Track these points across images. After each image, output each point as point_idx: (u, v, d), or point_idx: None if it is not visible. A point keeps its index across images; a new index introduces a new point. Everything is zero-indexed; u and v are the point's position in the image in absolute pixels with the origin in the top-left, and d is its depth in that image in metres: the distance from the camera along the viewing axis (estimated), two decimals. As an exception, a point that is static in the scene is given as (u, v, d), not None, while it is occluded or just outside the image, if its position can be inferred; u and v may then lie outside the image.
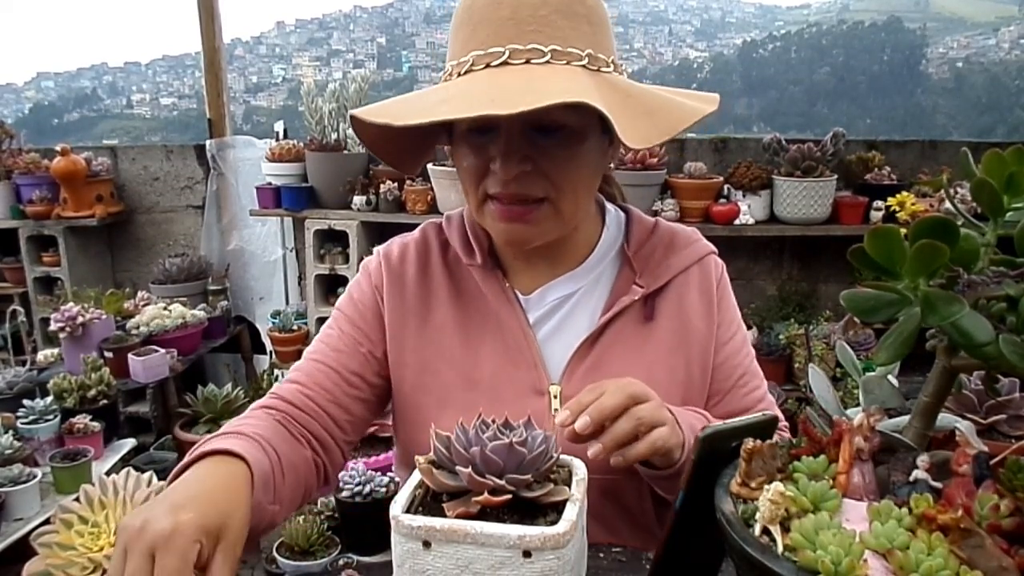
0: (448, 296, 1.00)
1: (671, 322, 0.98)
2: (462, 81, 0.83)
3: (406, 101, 0.86)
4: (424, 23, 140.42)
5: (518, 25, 0.81)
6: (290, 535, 2.45)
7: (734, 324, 1.03)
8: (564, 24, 0.82)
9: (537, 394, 0.95)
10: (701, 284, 1.00)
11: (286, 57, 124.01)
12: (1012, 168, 0.56)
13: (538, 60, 0.81)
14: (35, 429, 2.15)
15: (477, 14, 0.84)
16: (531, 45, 0.81)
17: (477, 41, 0.83)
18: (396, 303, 1.00)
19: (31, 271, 3.55)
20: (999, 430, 0.76)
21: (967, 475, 0.55)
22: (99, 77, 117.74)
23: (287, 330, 3.23)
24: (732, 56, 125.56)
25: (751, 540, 0.53)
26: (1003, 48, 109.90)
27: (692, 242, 1.03)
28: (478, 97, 0.77)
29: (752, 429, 0.64)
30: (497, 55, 0.81)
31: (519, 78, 0.79)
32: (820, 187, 2.89)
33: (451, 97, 0.80)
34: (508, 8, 0.82)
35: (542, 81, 0.78)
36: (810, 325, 2.98)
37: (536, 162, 0.86)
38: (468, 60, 0.83)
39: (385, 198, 3.09)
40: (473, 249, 0.99)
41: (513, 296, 0.98)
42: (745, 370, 1.02)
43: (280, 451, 0.84)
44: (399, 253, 1.03)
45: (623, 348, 0.96)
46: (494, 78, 0.81)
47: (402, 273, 1.01)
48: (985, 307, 0.55)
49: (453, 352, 0.97)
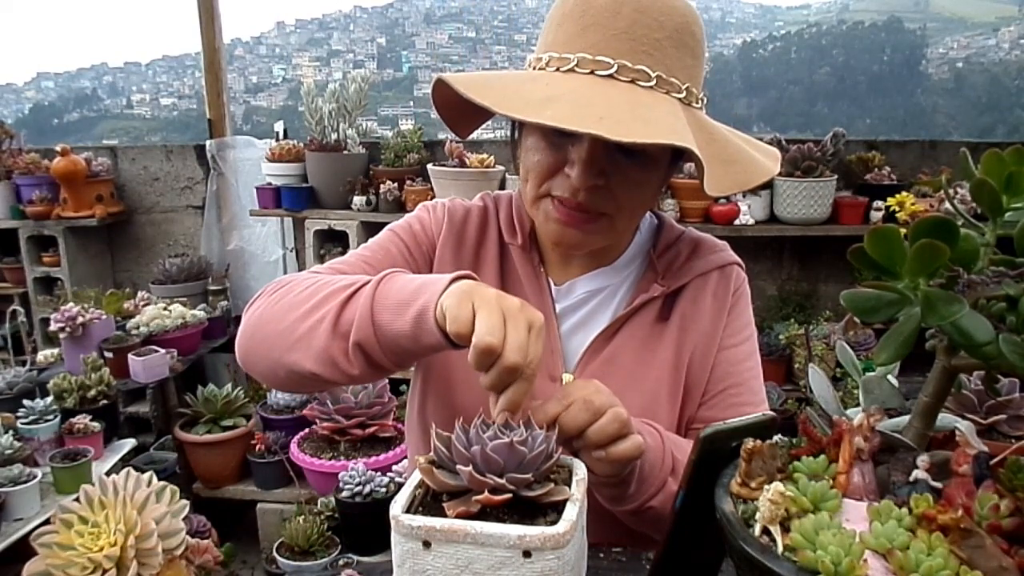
0: (495, 267, 1.02)
1: (682, 321, 1.00)
2: (566, 81, 0.82)
3: (505, 84, 0.85)
4: (424, 23, 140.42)
5: (632, 42, 0.81)
6: (290, 535, 2.46)
7: (741, 335, 1.03)
8: (673, 53, 0.83)
9: (550, 380, 0.97)
10: (717, 290, 1.02)
11: (286, 57, 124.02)
12: (1011, 168, 0.56)
13: (644, 83, 0.81)
14: (35, 429, 2.15)
15: (591, 16, 0.83)
16: (640, 67, 0.81)
17: (585, 43, 0.82)
18: (449, 256, 1.02)
19: (31, 271, 3.55)
20: (999, 430, 0.76)
21: (967, 475, 0.55)
22: (99, 77, 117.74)
23: (287, 330, 3.23)
24: (732, 56, 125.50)
25: (751, 540, 0.53)
26: (1003, 48, 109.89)
27: (718, 250, 1.05)
28: (587, 110, 0.76)
29: (752, 429, 0.64)
30: (605, 65, 0.81)
31: (625, 99, 0.79)
32: (820, 187, 2.89)
33: (558, 98, 0.79)
34: (625, 22, 0.82)
35: (647, 109, 0.79)
36: (810, 325, 2.98)
37: (609, 178, 0.88)
38: (573, 60, 0.82)
39: (385, 198, 3.09)
40: (516, 230, 1.02)
41: (546, 284, 1.01)
42: (740, 382, 1.01)
43: None
44: (463, 213, 1.05)
45: (637, 345, 0.98)
46: (601, 91, 0.80)
47: (463, 233, 1.03)
48: (985, 307, 0.55)
49: None
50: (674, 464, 0.88)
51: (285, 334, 0.83)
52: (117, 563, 0.74)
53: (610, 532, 0.98)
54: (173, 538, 0.78)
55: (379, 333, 0.78)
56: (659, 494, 0.86)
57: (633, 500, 0.86)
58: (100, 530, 0.75)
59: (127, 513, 0.76)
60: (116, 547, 0.74)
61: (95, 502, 0.77)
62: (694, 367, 0.99)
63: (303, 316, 0.82)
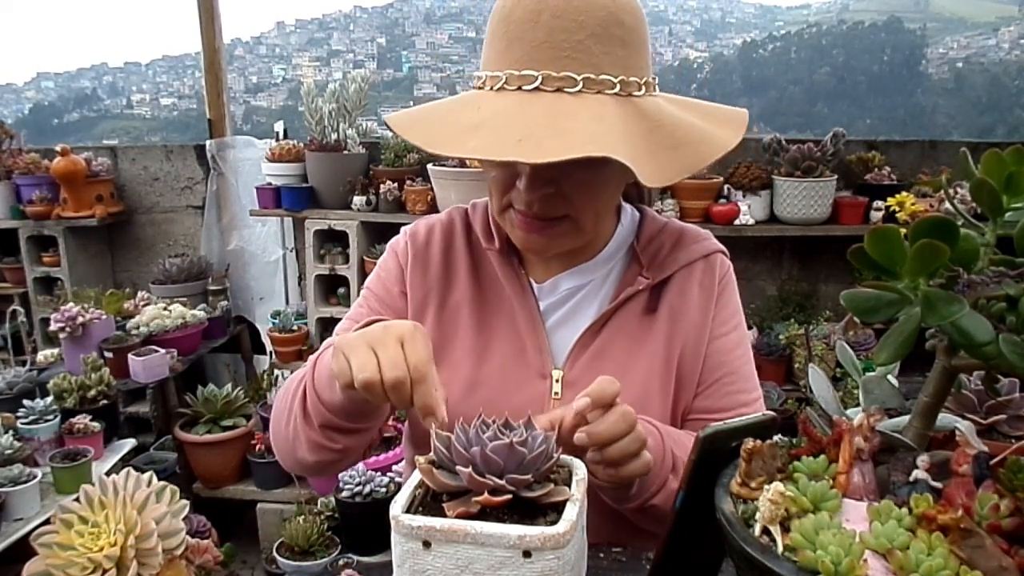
0: (467, 277, 1.04)
1: (670, 313, 1.00)
2: (494, 101, 0.84)
3: (438, 117, 0.87)
4: (424, 23, 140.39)
5: (553, 50, 0.82)
6: (290, 535, 2.46)
7: (730, 323, 1.03)
8: (598, 50, 0.83)
9: (541, 377, 0.99)
10: (704, 279, 1.02)
11: (286, 57, 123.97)
12: (1011, 168, 0.56)
13: (570, 89, 0.82)
14: (35, 429, 2.15)
15: (512, 30, 0.84)
16: (564, 73, 0.82)
17: (511, 59, 0.83)
18: (418, 280, 1.04)
19: (31, 271, 3.55)
20: (999, 430, 0.76)
21: (967, 475, 0.55)
22: (99, 77, 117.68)
23: (287, 330, 3.23)
24: (732, 56, 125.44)
25: (751, 540, 0.53)
26: (1003, 48, 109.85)
27: (701, 239, 1.06)
28: (506, 134, 0.78)
29: (752, 429, 0.64)
30: (530, 79, 0.82)
31: (546, 112, 0.80)
32: (820, 187, 2.89)
33: (481, 124, 0.81)
34: (544, 31, 0.82)
35: (569, 119, 0.79)
36: (810, 325, 2.97)
37: (559, 184, 0.89)
38: (502, 77, 0.84)
39: (385, 198, 3.09)
40: (493, 235, 1.03)
41: (527, 283, 1.02)
42: (733, 370, 1.02)
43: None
44: (425, 233, 1.07)
45: (625, 338, 0.99)
46: (524, 109, 0.81)
47: (427, 252, 1.05)
48: (985, 307, 0.55)
49: (467, 331, 1.01)
50: (674, 462, 0.88)
51: (286, 440, 0.94)
52: (117, 563, 0.74)
53: (610, 532, 0.98)
54: (173, 538, 0.78)
55: (331, 409, 0.86)
56: (660, 492, 0.87)
57: (635, 500, 0.87)
58: (100, 530, 0.75)
59: (127, 513, 0.76)
60: (116, 547, 0.74)
61: (95, 502, 0.77)
62: (686, 358, 1.00)
63: (287, 420, 0.93)
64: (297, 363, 3.23)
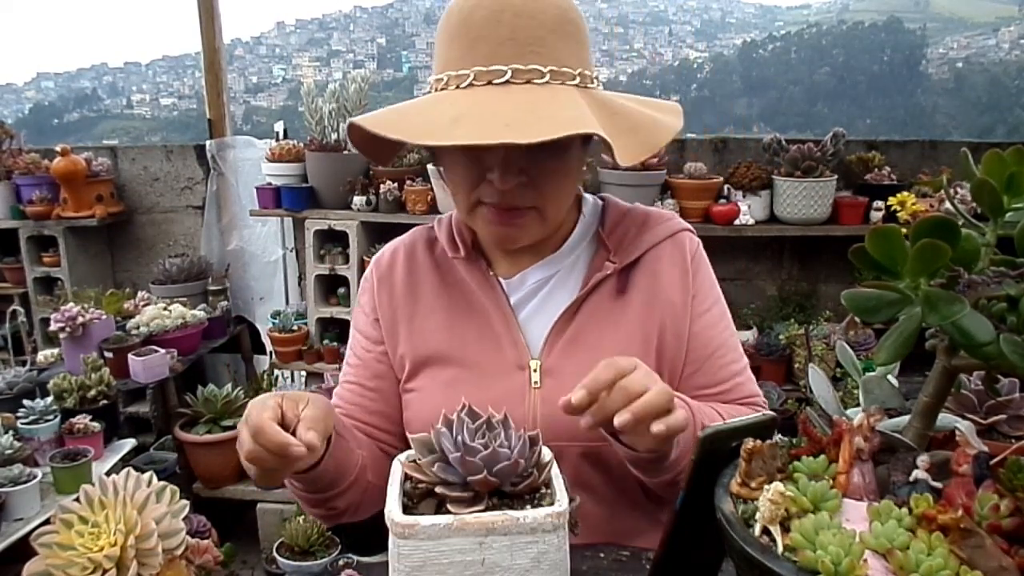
0: (434, 287, 1.07)
1: (644, 294, 1.02)
2: (467, 96, 0.86)
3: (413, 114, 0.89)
4: (424, 23, 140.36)
5: (517, 46, 0.86)
6: (290, 535, 2.46)
7: (710, 298, 1.06)
8: (559, 44, 0.88)
9: (519, 369, 1.01)
10: (674, 257, 1.04)
11: (286, 57, 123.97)
12: (1012, 168, 0.56)
13: (539, 80, 0.86)
14: (35, 429, 2.15)
15: (475, 30, 0.87)
16: (532, 66, 0.86)
17: (477, 56, 0.86)
18: (386, 302, 1.08)
19: (31, 271, 3.55)
20: (999, 430, 0.76)
21: (967, 475, 0.55)
22: (99, 77, 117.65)
23: (287, 330, 3.23)
24: (732, 56, 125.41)
25: (751, 540, 0.53)
26: (1003, 48, 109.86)
27: (665, 220, 1.08)
28: (492, 121, 0.80)
29: (752, 429, 0.65)
30: (499, 73, 0.85)
31: (525, 100, 0.84)
32: (820, 187, 2.89)
33: (463, 115, 0.83)
34: (507, 28, 0.86)
35: (547, 105, 0.84)
36: (810, 325, 2.97)
37: (529, 174, 0.92)
38: (470, 74, 0.86)
39: (385, 198, 3.09)
40: (457, 244, 1.06)
41: (495, 281, 1.04)
42: (722, 343, 1.04)
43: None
44: (389, 256, 1.12)
45: (598, 321, 1.01)
46: (501, 98, 0.84)
47: (391, 274, 1.09)
48: (985, 307, 0.55)
49: (440, 337, 1.04)
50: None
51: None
52: (117, 563, 0.74)
53: (610, 532, 0.99)
54: (173, 538, 0.78)
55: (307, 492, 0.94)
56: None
57: (672, 469, 0.88)
58: (100, 530, 0.75)
59: (127, 513, 0.76)
60: (116, 547, 0.74)
61: (95, 502, 0.77)
62: (667, 338, 1.01)
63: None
64: (297, 363, 3.23)
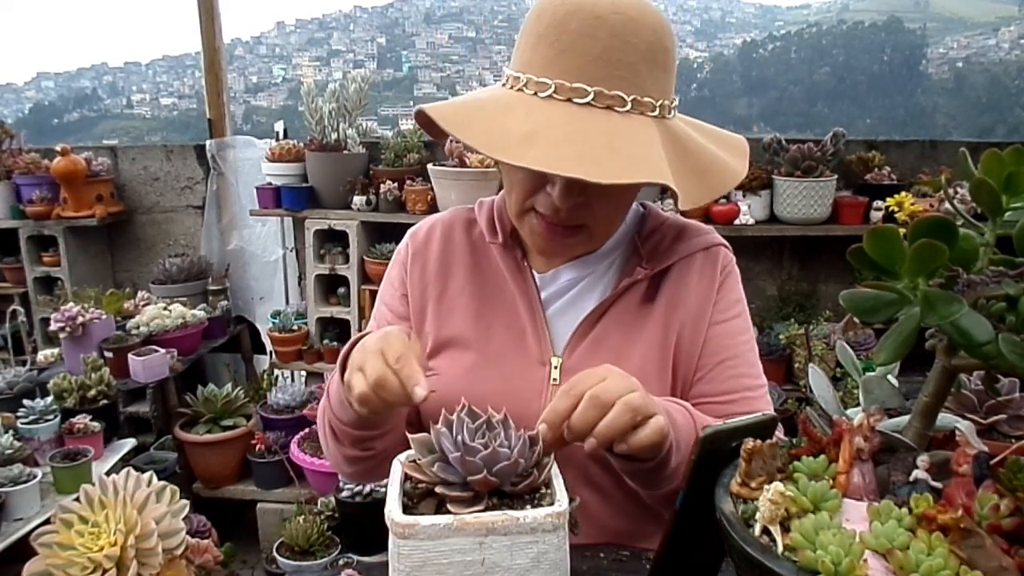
0: (466, 269, 1.07)
1: (668, 301, 1.02)
2: (544, 109, 0.84)
3: (487, 117, 0.86)
4: (424, 23, 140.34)
5: (606, 67, 0.83)
6: (290, 535, 2.46)
7: (732, 310, 1.04)
8: (646, 72, 0.86)
9: (540, 364, 1.00)
10: (704, 269, 1.04)
11: (286, 57, 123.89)
12: (1011, 168, 0.56)
13: (620, 108, 0.84)
14: (35, 429, 2.15)
15: (566, 40, 0.84)
16: (615, 92, 0.84)
17: (561, 69, 0.84)
18: (417, 278, 1.08)
19: (31, 271, 3.55)
20: (999, 430, 0.76)
21: (967, 475, 0.55)
22: (99, 77, 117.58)
23: (287, 330, 3.23)
24: (732, 56, 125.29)
25: (751, 540, 0.53)
26: (1003, 48, 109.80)
27: (702, 233, 1.08)
28: (566, 149, 0.80)
29: (752, 429, 0.65)
30: (582, 93, 0.83)
31: (602, 130, 0.82)
32: (820, 187, 2.89)
33: (537, 134, 0.81)
34: (600, 46, 0.83)
35: (624, 141, 0.82)
36: (810, 325, 2.97)
37: (587, 194, 0.90)
38: (551, 86, 0.84)
39: (385, 198, 3.08)
40: (496, 230, 1.05)
41: (529, 273, 1.04)
42: (737, 355, 1.02)
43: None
44: (426, 232, 1.11)
45: (623, 326, 1.01)
46: (579, 125, 0.82)
47: (426, 249, 1.09)
48: (984, 307, 0.55)
49: (467, 320, 1.04)
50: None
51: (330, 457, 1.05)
52: (117, 563, 0.74)
53: (610, 532, 0.98)
54: (173, 538, 0.78)
55: (353, 425, 0.93)
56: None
57: (669, 482, 0.86)
58: (100, 530, 0.75)
59: (127, 513, 0.76)
60: (116, 547, 0.74)
61: (95, 502, 0.77)
62: (683, 344, 1.01)
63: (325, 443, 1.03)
64: (297, 363, 3.23)
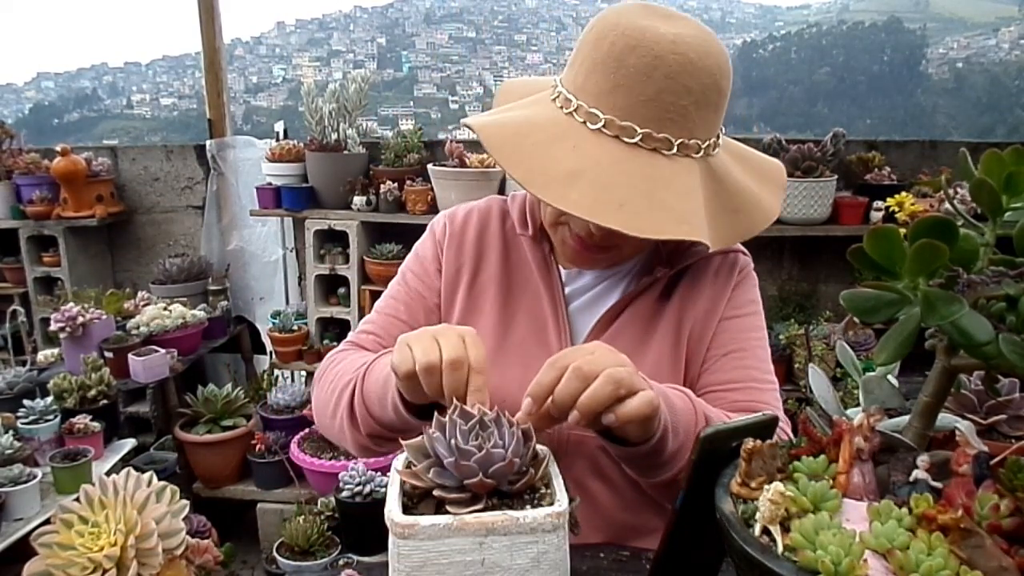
0: (498, 258, 1.10)
1: (682, 298, 1.04)
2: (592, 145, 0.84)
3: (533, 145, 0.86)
4: (424, 23, 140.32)
5: (658, 109, 0.84)
6: (290, 535, 2.46)
7: (745, 308, 1.06)
8: (697, 116, 0.86)
9: None
10: (721, 270, 1.06)
11: (286, 57, 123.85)
12: (1011, 168, 0.56)
13: (666, 151, 0.85)
14: (35, 429, 2.15)
15: (623, 75, 0.84)
16: (663, 135, 0.84)
17: (613, 103, 0.84)
18: (452, 257, 1.11)
19: (31, 271, 3.55)
20: (999, 430, 0.76)
21: (967, 475, 0.55)
22: (99, 77, 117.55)
23: (287, 330, 3.23)
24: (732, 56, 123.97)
25: (751, 540, 0.53)
26: (1003, 48, 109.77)
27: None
28: (607, 195, 0.81)
29: (752, 429, 0.65)
30: (631, 132, 0.84)
31: (646, 175, 0.83)
32: (820, 187, 2.89)
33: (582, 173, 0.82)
34: (655, 88, 0.83)
35: (665, 190, 0.83)
36: (810, 325, 2.97)
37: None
38: (601, 120, 0.85)
39: (385, 198, 3.08)
40: (527, 223, 1.08)
41: (555, 268, 1.07)
42: (745, 348, 1.03)
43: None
44: (463, 216, 1.14)
45: (639, 323, 1.03)
46: (623, 168, 0.83)
47: (463, 233, 1.12)
48: (985, 307, 0.55)
49: (493, 307, 1.07)
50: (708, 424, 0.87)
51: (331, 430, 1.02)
52: (117, 563, 0.74)
53: (618, 525, 0.99)
54: (173, 538, 0.78)
55: (380, 423, 0.92)
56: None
57: (668, 468, 0.86)
58: (100, 530, 0.75)
59: (127, 513, 0.76)
60: (116, 547, 0.74)
61: (95, 502, 0.77)
62: (693, 338, 1.03)
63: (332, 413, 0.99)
64: (297, 363, 3.23)
